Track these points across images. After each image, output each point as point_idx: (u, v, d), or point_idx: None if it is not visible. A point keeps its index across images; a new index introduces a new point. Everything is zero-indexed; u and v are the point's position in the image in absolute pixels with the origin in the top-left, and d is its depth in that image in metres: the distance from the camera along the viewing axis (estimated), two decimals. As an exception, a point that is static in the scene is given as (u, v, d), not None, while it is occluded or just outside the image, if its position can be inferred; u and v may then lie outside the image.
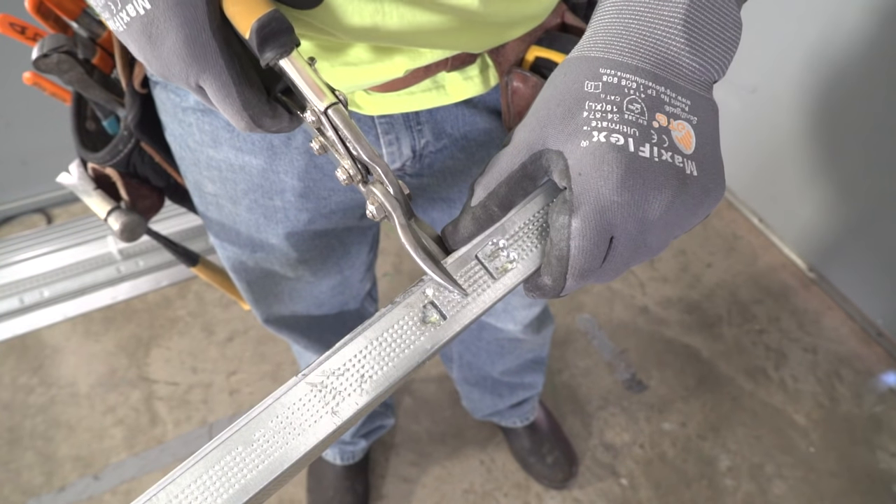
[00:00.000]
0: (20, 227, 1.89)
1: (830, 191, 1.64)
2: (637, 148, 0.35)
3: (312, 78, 0.35)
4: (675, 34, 0.38)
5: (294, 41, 0.36)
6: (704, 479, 1.43)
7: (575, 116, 0.36)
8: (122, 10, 0.32)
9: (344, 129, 0.36)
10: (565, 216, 0.36)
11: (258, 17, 0.33)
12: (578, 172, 0.35)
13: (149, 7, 0.32)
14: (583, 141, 0.36)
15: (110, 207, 0.63)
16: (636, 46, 0.38)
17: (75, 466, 1.44)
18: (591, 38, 0.40)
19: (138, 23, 0.32)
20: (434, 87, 0.57)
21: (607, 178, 0.35)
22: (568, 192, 0.36)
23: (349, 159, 0.37)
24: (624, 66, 0.37)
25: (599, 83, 0.37)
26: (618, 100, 0.36)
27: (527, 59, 0.55)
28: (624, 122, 0.36)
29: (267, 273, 0.77)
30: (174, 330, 1.69)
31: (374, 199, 0.38)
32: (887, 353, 1.63)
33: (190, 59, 0.34)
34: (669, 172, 0.36)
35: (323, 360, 0.37)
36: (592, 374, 1.61)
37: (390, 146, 0.62)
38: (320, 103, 0.35)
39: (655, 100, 0.37)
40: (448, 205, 0.74)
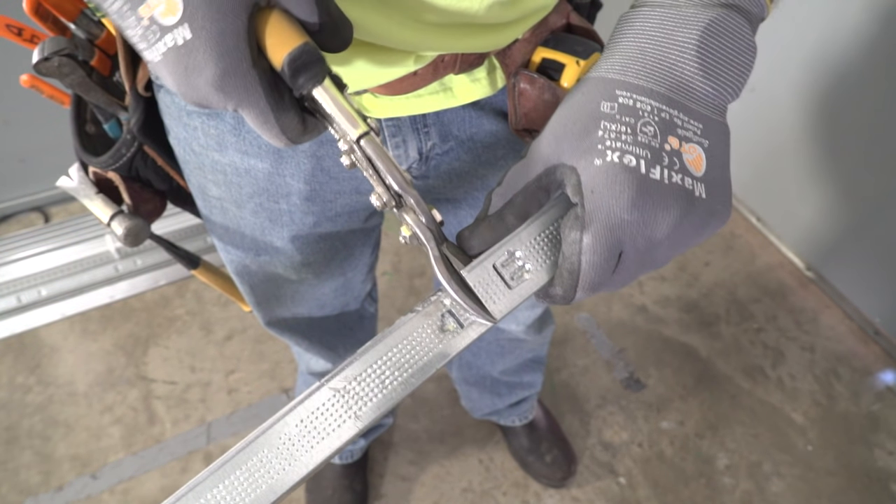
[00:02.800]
0: (18, 226, 1.88)
1: (828, 190, 1.64)
2: (648, 169, 0.37)
3: (345, 106, 0.36)
4: (688, 59, 0.40)
5: (325, 71, 0.35)
6: (703, 478, 1.44)
7: (590, 134, 0.38)
8: (160, 40, 0.32)
9: (376, 160, 0.37)
10: (577, 231, 0.37)
11: (290, 49, 0.33)
12: (591, 190, 0.37)
13: (189, 37, 0.31)
14: (596, 159, 0.37)
15: (113, 212, 0.62)
16: (651, 70, 0.40)
17: (73, 466, 1.43)
18: (608, 59, 0.41)
19: (175, 53, 0.32)
20: (441, 89, 0.57)
21: (618, 198, 0.36)
22: (580, 208, 0.37)
23: (382, 186, 0.38)
24: (639, 89, 0.39)
25: (615, 104, 0.39)
26: (632, 121, 0.38)
27: (533, 61, 0.55)
28: (637, 143, 0.37)
29: (270, 276, 0.77)
30: (172, 329, 1.68)
31: (407, 227, 0.40)
32: (885, 351, 1.64)
33: (230, 89, 0.33)
34: (678, 194, 0.37)
35: (345, 366, 0.38)
36: (591, 373, 1.61)
37: (397, 148, 0.61)
38: (353, 132, 0.36)
39: (668, 123, 0.39)
40: (454, 206, 0.73)
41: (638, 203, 0.36)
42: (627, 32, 0.42)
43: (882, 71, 1.40)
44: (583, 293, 0.39)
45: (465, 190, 0.70)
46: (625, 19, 0.43)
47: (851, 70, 1.46)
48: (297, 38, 0.33)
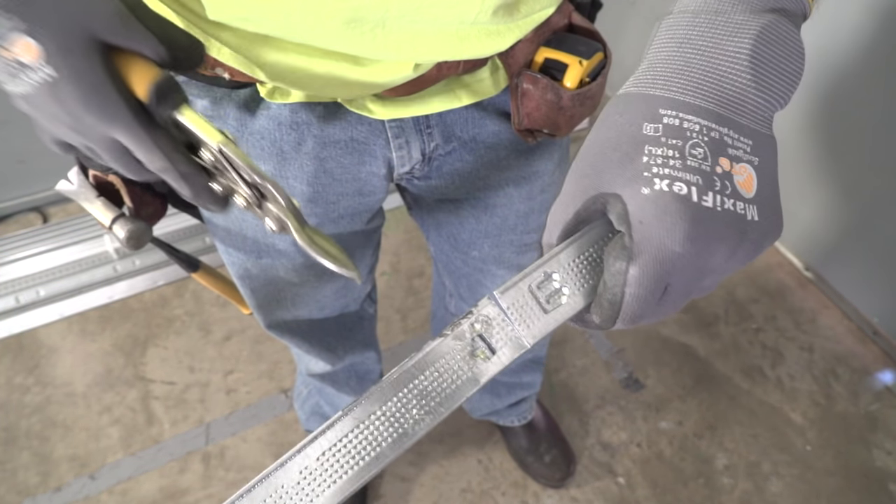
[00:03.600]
0: (16, 226, 1.88)
1: (827, 191, 1.64)
2: (700, 197, 0.34)
3: (205, 123, 0.40)
4: (741, 70, 0.37)
5: (184, 97, 0.40)
6: (701, 478, 1.44)
7: (634, 161, 0.35)
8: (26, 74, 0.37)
9: (236, 159, 0.40)
10: (622, 262, 0.35)
11: (148, 84, 0.38)
12: (640, 220, 0.34)
13: (56, 75, 0.36)
14: (643, 188, 0.34)
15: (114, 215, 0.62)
16: (699, 84, 0.37)
17: (71, 466, 1.43)
18: (648, 72, 0.38)
19: (46, 88, 0.37)
20: (445, 90, 0.57)
21: (671, 231, 0.34)
22: (627, 239, 0.35)
23: (245, 186, 0.41)
24: (686, 106, 0.36)
25: (660, 125, 0.35)
26: (679, 144, 0.35)
27: (536, 61, 0.55)
28: (687, 168, 0.34)
29: (272, 279, 0.77)
30: (171, 329, 1.68)
31: (270, 214, 0.43)
32: (883, 351, 1.64)
33: (99, 113, 0.37)
34: (732, 222, 0.35)
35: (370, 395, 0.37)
36: (590, 373, 1.61)
37: (400, 150, 0.61)
38: (215, 143, 0.39)
39: (719, 143, 0.35)
40: (455, 206, 0.73)
41: (692, 235, 0.33)
42: (670, 41, 0.38)
43: (881, 72, 1.40)
44: (622, 324, 0.37)
45: (468, 190, 0.70)
46: (666, 26, 0.39)
47: (850, 71, 1.46)
48: (153, 73, 0.38)
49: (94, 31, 0.37)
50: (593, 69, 0.55)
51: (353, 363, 1.12)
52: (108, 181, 0.63)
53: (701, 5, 0.38)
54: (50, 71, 0.36)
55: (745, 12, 0.37)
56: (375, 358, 1.17)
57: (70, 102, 0.37)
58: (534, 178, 0.71)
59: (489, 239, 0.78)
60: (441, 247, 0.87)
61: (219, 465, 1.44)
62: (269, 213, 0.42)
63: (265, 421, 1.51)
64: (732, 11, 0.37)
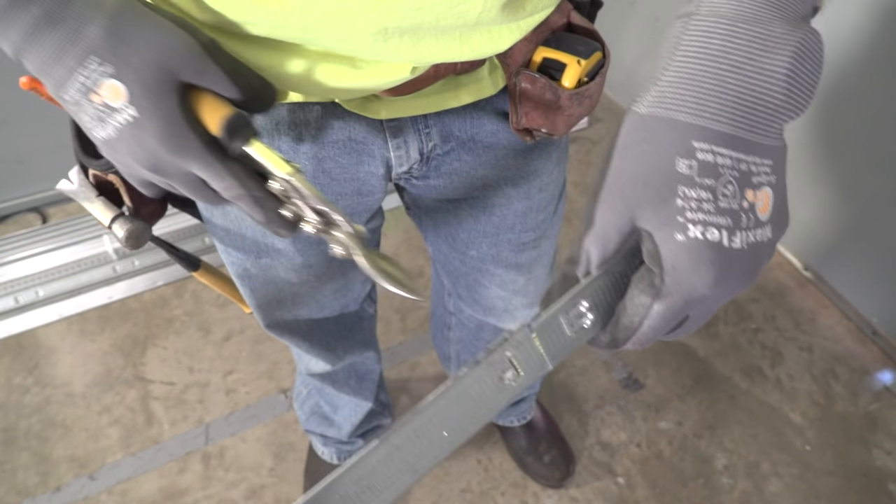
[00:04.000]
0: (15, 227, 1.88)
1: (826, 191, 1.64)
2: (730, 240, 0.34)
3: (275, 155, 0.42)
4: (776, 90, 0.35)
5: (254, 131, 0.43)
6: (701, 478, 1.44)
7: (667, 203, 0.34)
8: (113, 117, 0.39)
9: (303, 189, 0.43)
10: (648, 298, 0.36)
11: (220, 119, 0.41)
12: (673, 266, 0.35)
13: (137, 115, 0.39)
14: (678, 234, 0.34)
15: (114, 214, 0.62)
16: (733, 108, 0.35)
17: (71, 467, 1.43)
18: (675, 87, 0.35)
19: (128, 128, 0.39)
20: (443, 89, 0.57)
21: (703, 278, 0.34)
22: (658, 279, 0.36)
23: (311, 212, 0.44)
24: (719, 138, 0.34)
25: (694, 162, 0.34)
26: (712, 184, 0.34)
27: (534, 60, 0.55)
28: (719, 210, 0.34)
29: (272, 279, 0.77)
30: (170, 329, 1.68)
31: (334, 240, 0.45)
32: (882, 351, 1.64)
33: (174, 148, 0.40)
34: (754, 255, 0.36)
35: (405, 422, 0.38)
36: (589, 373, 1.61)
37: (398, 150, 0.61)
38: (284, 173, 0.42)
39: (746, 174, 0.35)
40: (453, 206, 0.73)
41: (721, 280, 0.35)
42: (702, 53, 0.35)
43: (879, 72, 1.40)
44: (632, 347, 0.38)
45: (466, 190, 0.70)
46: (697, 32, 0.36)
47: (849, 70, 1.47)
48: (225, 110, 0.41)
49: (174, 71, 0.39)
50: (592, 69, 0.55)
51: (352, 363, 1.12)
52: (108, 180, 0.63)
53: (736, 10, 0.35)
54: (132, 111, 0.39)
55: (784, 22, 0.35)
56: (375, 358, 1.17)
57: (149, 140, 0.39)
58: (532, 177, 0.71)
59: (487, 238, 0.78)
60: (439, 247, 0.87)
61: (218, 465, 1.44)
62: (334, 238, 0.45)
63: (265, 421, 1.51)
64: (770, 21, 0.35)
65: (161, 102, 0.39)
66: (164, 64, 0.39)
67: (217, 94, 0.42)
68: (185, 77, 0.40)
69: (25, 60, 0.40)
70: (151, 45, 0.39)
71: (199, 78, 0.40)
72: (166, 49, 0.39)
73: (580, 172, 2.10)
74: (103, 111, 0.39)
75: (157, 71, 0.39)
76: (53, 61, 0.39)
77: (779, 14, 0.35)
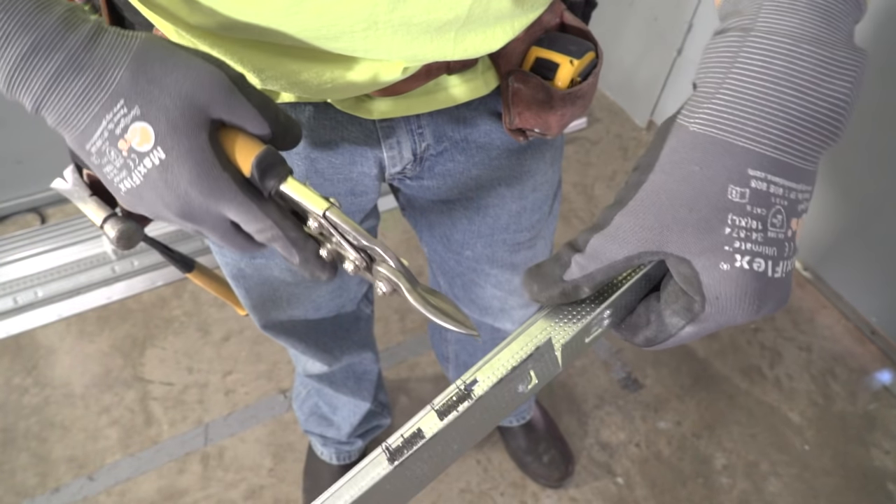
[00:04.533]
0: (14, 227, 1.88)
1: (826, 191, 1.64)
2: (774, 270, 0.34)
3: (308, 192, 0.40)
4: (833, 117, 0.34)
5: (288, 169, 0.40)
6: (700, 478, 1.44)
7: (714, 231, 0.33)
8: (140, 164, 0.37)
9: (342, 224, 0.40)
10: (682, 321, 0.36)
11: (253, 157, 0.39)
12: (717, 296, 0.34)
13: (164, 157, 0.36)
14: (723, 263, 0.33)
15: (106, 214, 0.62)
16: (791, 136, 0.33)
17: (70, 467, 1.43)
18: (733, 109, 0.34)
19: (155, 171, 0.37)
20: (436, 89, 0.57)
21: (746, 310, 0.34)
22: (697, 306, 0.35)
23: (353, 251, 0.41)
24: (775, 166, 0.33)
25: (747, 190, 0.33)
26: (763, 213, 0.33)
27: (527, 60, 0.55)
28: (767, 241, 0.33)
29: (266, 279, 0.77)
30: (169, 330, 1.68)
31: (380, 276, 0.42)
32: (881, 351, 1.64)
33: (207, 190, 0.38)
34: (790, 281, 0.35)
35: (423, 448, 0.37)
36: (588, 374, 1.61)
37: (391, 150, 0.61)
38: (320, 210, 0.40)
39: (794, 202, 0.34)
40: (447, 206, 0.73)
41: (760, 308, 0.34)
42: (765, 73, 0.33)
43: (877, 73, 1.40)
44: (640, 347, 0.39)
45: (460, 190, 0.70)
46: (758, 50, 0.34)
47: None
48: (257, 147, 0.39)
49: (203, 108, 0.37)
50: (584, 68, 0.55)
51: (350, 364, 1.12)
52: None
53: (799, 30, 0.33)
54: (160, 153, 0.36)
55: (844, 45, 0.34)
56: (373, 358, 1.17)
57: (179, 183, 0.37)
58: (525, 177, 0.71)
59: (482, 239, 0.78)
60: (434, 247, 0.87)
61: (217, 465, 1.44)
62: (379, 275, 0.42)
63: (264, 421, 1.51)
64: (834, 44, 0.33)
65: (191, 142, 0.37)
66: (194, 101, 0.37)
67: (246, 131, 0.40)
68: (216, 113, 0.38)
69: (46, 112, 0.37)
70: (179, 83, 0.37)
71: (230, 114, 0.38)
72: (195, 85, 0.37)
73: (579, 173, 2.10)
74: (130, 158, 0.37)
75: (187, 109, 0.37)
76: (77, 109, 0.36)
77: (838, 34, 0.34)
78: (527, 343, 0.38)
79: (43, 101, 0.36)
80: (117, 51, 0.36)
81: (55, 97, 0.36)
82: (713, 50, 0.36)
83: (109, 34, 0.36)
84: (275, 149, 0.40)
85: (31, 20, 0.34)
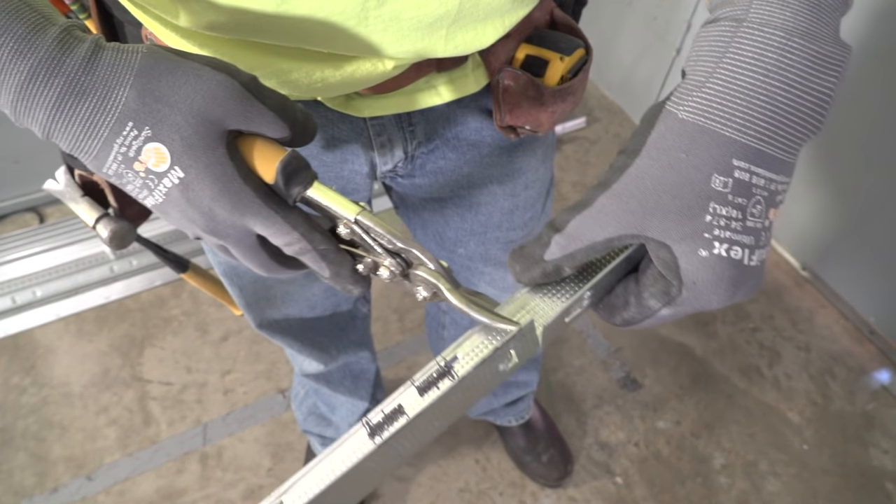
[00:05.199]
0: (12, 227, 1.88)
1: (823, 191, 1.64)
2: (750, 258, 0.35)
3: (336, 197, 0.39)
4: (818, 111, 0.34)
5: (313, 174, 0.39)
6: (699, 477, 1.44)
7: (695, 218, 0.34)
8: (160, 183, 0.36)
9: (375, 227, 0.39)
10: (659, 304, 0.37)
11: (276, 164, 0.37)
12: (693, 281, 0.35)
13: (183, 175, 0.35)
14: (702, 250, 0.34)
15: (98, 215, 0.62)
16: (777, 128, 0.34)
17: (68, 467, 1.43)
18: (723, 99, 0.34)
19: (176, 191, 0.36)
20: (426, 87, 0.57)
21: (721, 295, 0.35)
22: (674, 290, 0.36)
23: (388, 256, 0.40)
24: (759, 158, 0.34)
25: (730, 180, 0.33)
26: (744, 203, 0.34)
27: (517, 58, 0.55)
28: (745, 230, 0.34)
29: (259, 277, 0.77)
30: (168, 329, 1.68)
31: (418, 281, 0.40)
32: (880, 350, 1.64)
33: (230, 205, 0.36)
34: (763, 268, 0.36)
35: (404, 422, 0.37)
36: (587, 373, 1.61)
37: (382, 148, 0.61)
38: (351, 215, 0.38)
39: (773, 193, 0.35)
40: (440, 205, 0.73)
41: (734, 295, 0.35)
42: (755, 66, 0.33)
43: (874, 71, 1.40)
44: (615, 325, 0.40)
45: (452, 189, 0.70)
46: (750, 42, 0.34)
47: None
48: (280, 153, 0.37)
49: (218, 120, 0.36)
50: (574, 65, 0.55)
51: (347, 363, 1.12)
52: (94, 181, 0.63)
53: (791, 23, 0.33)
54: (178, 172, 0.35)
55: (832, 40, 0.34)
56: (370, 357, 1.17)
57: (200, 200, 0.36)
58: (517, 175, 0.71)
59: (475, 237, 0.78)
60: (428, 245, 0.87)
61: (216, 465, 1.44)
62: (417, 279, 0.40)
63: (262, 421, 1.51)
64: (824, 38, 0.34)
65: (208, 157, 0.35)
66: (207, 115, 0.35)
67: (264, 136, 0.38)
68: (232, 124, 0.36)
69: (56, 140, 0.35)
70: (190, 98, 0.35)
71: (247, 123, 0.37)
72: (207, 99, 0.35)
73: (578, 172, 2.10)
74: (149, 179, 0.36)
75: (199, 124, 0.35)
76: (85, 136, 0.34)
77: (826, 28, 0.34)
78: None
79: (50, 129, 0.35)
80: (119, 70, 0.34)
81: (61, 125, 0.34)
82: (704, 39, 0.36)
83: (108, 52, 0.35)
84: (298, 153, 0.38)
85: (26, 46, 0.32)
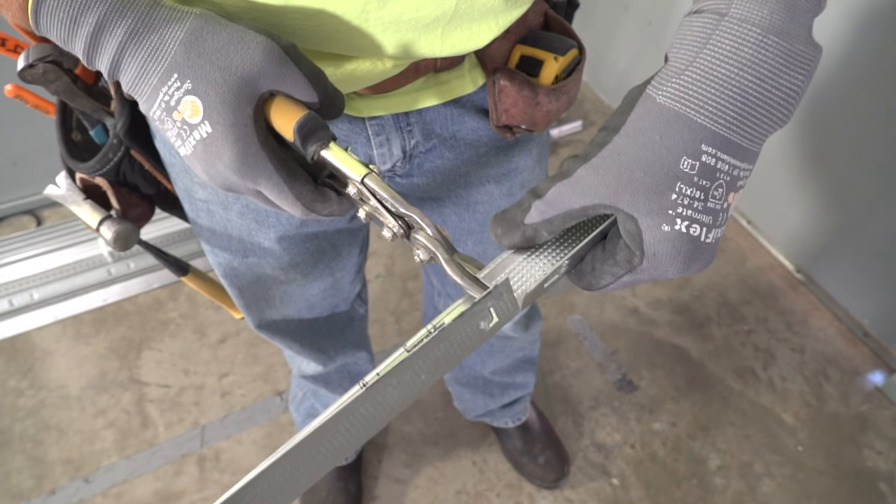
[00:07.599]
0: (10, 229, 1.88)
1: (818, 194, 1.65)
2: (707, 236, 0.38)
3: (349, 158, 0.41)
4: (786, 106, 0.37)
5: (330, 134, 0.41)
6: (694, 479, 1.44)
7: (662, 195, 0.36)
8: (191, 136, 0.39)
9: (380, 191, 0.41)
10: (622, 270, 0.40)
11: (296, 121, 0.39)
12: (654, 253, 0.38)
13: (210, 131, 0.38)
14: (665, 225, 0.37)
15: (101, 217, 0.63)
16: (747, 120, 0.36)
17: (66, 470, 1.43)
18: (698, 87, 0.37)
19: (202, 145, 0.39)
20: (424, 87, 0.58)
21: (677, 267, 0.38)
22: (636, 260, 0.39)
23: (391, 217, 0.42)
24: (725, 145, 0.36)
25: (697, 163, 0.36)
26: (707, 185, 0.37)
27: (512, 58, 0.57)
28: (706, 210, 0.37)
29: (258, 278, 0.77)
30: (165, 332, 1.69)
31: (418, 244, 0.42)
32: (873, 352, 1.65)
33: (245, 168, 0.40)
34: (717, 246, 0.39)
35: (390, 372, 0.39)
36: (583, 375, 1.62)
37: (381, 147, 0.62)
38: (358, 175, 0.41)
39: (735, 178, 0.38)
40: (438, 204, 0.74)
41: (688, 268, 0.39)
42: (731, 59, 0.36)
43: (867, 74, 1.41)
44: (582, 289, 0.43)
45: (449, 188, 0.71)
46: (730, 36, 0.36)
47: (836, 73, 1.48)
48: (299, 113, 0.40)
49: (253, 80, 0.39)
50: (568, 65, 0.57)
51: (345, 364, 1.12)
52: (95, 184, 0.64)
53: (767, 20, 0.36)
54: (207, 127, 0.38)
55: (804, 39, 0.37)
56: (367, 358, 1.18)
57: (220, 157, 0.39)
58: (513, 174, 0.72)
59: (472, 236, 0.79)
60: None
61: (214, 467, 1.44)
62: (417, 242, 0.43)
63: (260, 423, 1.52)
64: (797, 37, 0.36)
65: (235, 116, 0.38)
66: (244, 74, 0.38)
67: (292, 98, 0.41)
68: (266, 85, 0.39)
69: (120, 79, 0.40)
70: (230, 57, 0.38)
71: (280, 83, 0.40)
72: (246, 59, 0.38)
73: (574, 175, 2.10)
74: (183, 129, 0.39)
75: (235, 83, 0.38)
76: (139, 80, 0.39)
77: (800, 28, 0.37)
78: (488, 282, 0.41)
79: (115, 68, 0.39)
80: (173, 24, 0.38)
81: (123, 67, 0.39)
82: (688, 28, 0.38)
83: (164, 10, 0.39)
84: (316, 114, 0.41)
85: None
